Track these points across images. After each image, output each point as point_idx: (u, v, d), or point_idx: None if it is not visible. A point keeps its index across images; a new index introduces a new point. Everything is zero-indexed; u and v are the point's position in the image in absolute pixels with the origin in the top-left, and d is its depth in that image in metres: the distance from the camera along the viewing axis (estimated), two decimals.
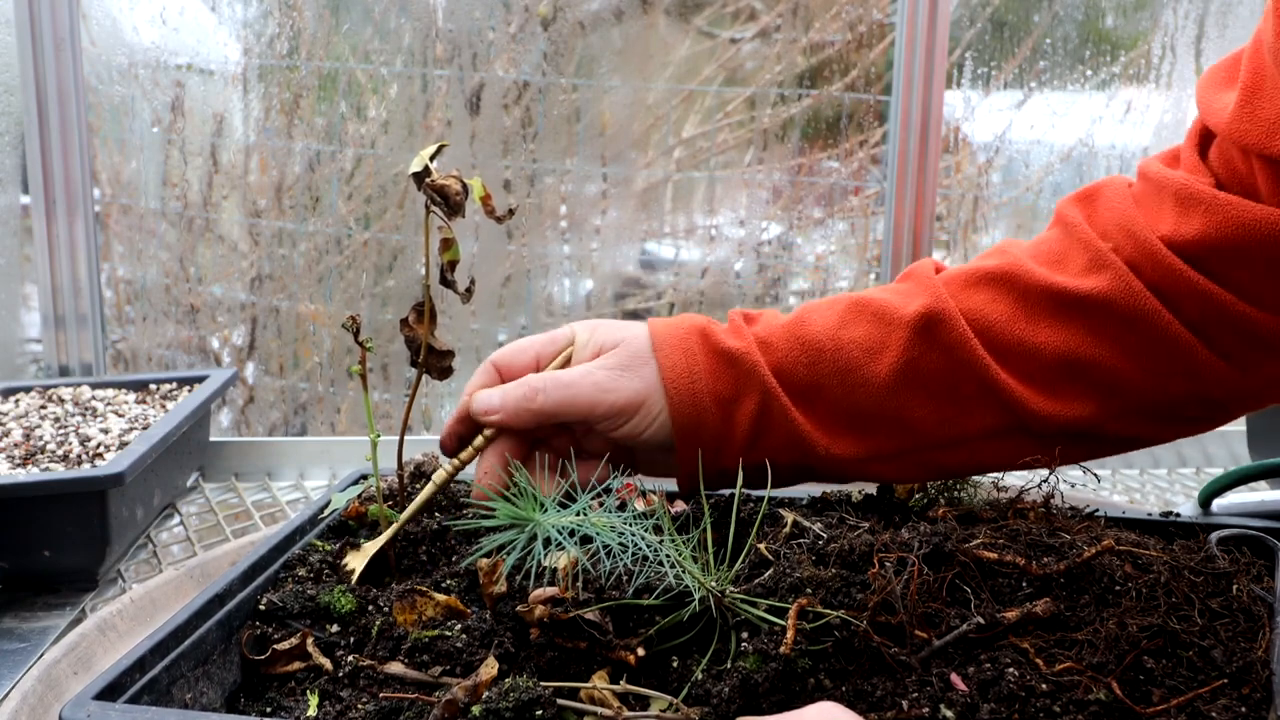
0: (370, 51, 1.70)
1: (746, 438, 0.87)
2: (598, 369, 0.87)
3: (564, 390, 0.85)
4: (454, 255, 0.83)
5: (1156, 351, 0.84)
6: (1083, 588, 0.71)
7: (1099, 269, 0.85)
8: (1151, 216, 0.86)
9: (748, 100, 1.78)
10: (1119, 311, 0.84)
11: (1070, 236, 0.88)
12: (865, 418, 0.87)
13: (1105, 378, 0.85)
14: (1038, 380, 0.86)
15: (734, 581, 0.70)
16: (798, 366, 0.87)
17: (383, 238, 1.75)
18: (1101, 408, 0.86)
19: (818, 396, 0.87)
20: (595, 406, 0.85)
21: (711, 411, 0.86)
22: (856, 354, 0.86)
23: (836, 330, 0.87)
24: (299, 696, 0.70)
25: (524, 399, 0.85)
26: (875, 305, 0.88)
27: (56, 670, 0.86)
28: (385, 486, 0.91)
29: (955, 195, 1.85)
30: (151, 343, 1.79)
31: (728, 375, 0.87)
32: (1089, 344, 0.85)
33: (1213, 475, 1.05)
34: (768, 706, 0.63)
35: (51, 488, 1.04)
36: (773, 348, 0.88)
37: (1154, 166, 0.88)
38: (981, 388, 0.86)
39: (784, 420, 0.87)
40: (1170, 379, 0.85)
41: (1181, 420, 0.89)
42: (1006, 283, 0.87)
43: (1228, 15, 1.74)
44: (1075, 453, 0.89)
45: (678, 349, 0.87)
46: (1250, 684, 0.63)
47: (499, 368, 0.90)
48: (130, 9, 1.64)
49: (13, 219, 1.56)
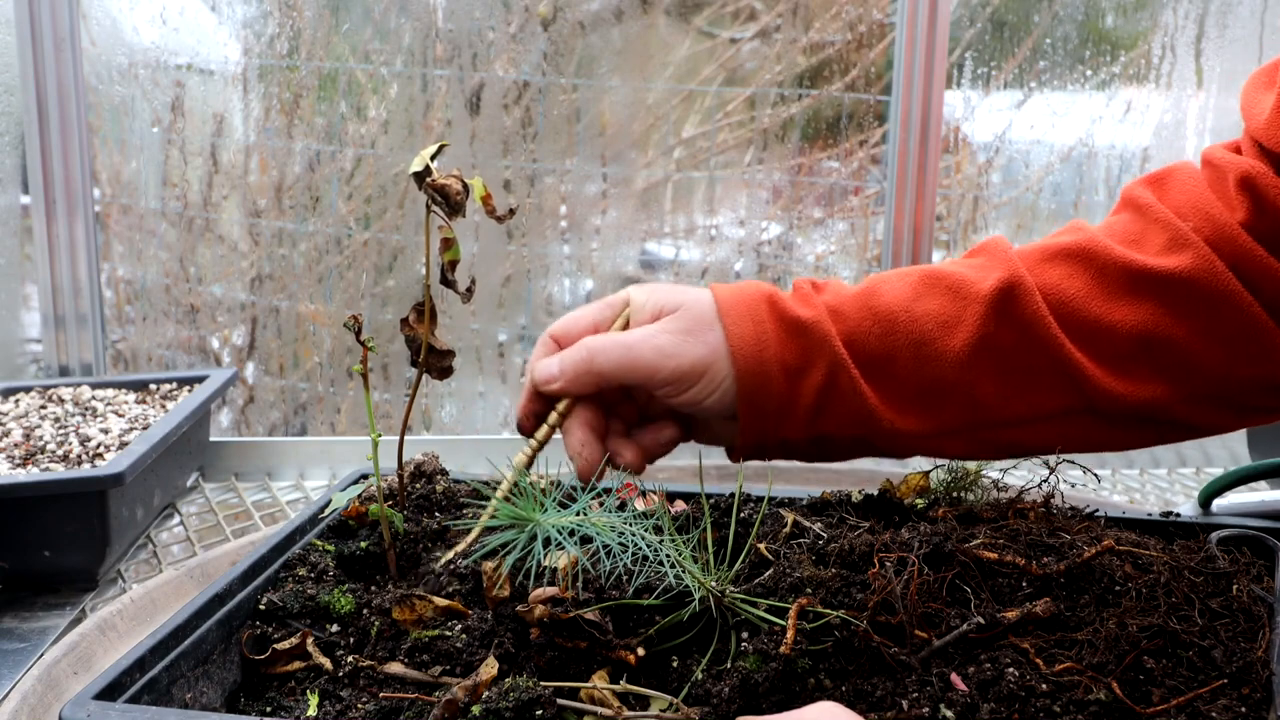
0: (370, 51, 1.70)
1: (810, 409, 0.85)
2: (660, 332, 0.84)
3: (624, 351, 0.83)
4: (454, 255, 0.83)
5: (1233, 333, 0.84)
6: (1083, 588, 0.71)
7: (1180, 248, 0.84)
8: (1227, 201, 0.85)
9: (748, 100, 1.78)
10: (1200, 291, 0.83)
11: (1145, 217, 0.87)
12: (935, 392, 0.86)
13: (1179, 358, 0.85)
14: (1111, 359, 0.85)
15: (734, 581, 0.70)
16: (870, 337, 0.85)
17: (383, 238, 1.75)
18: (1173, 390, 0.85)
19: (888, 369, 0.85)
20: (658, 370, 0.83)
21: (778, 381, 0.84)
22: (931, 327, 0.85)
23: (910, 302, 0.86)
24: (299, 696, 0.70)
25: (582, 361, 0.83)
26: (951, 278, 0.87)
27: (56, 670, 0.86)
28: (385, 486, 0.91)
29: (955, 195, 1.85)
30: (151, 343, 1.79)
31: (797, 345, 0.85)
32: (1166, 323, 0.84)
33: (1213, 475, 1.05)
34: (768, 706, 0.63)
35: (51, 488, 1.04)
36: (845, 317, 0.86)
37: (1219, 153, 0.88)
38: (1054, 366, 0.85)
39: (852, 393, 0.85)
40: (1244, 362, 0.85)
41: (1249, 409, 0.89)
42: (1084, 259, 0.86)
43: (1228, 15, 1.74)
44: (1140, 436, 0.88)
45: (746, 316, 0.85)
46: (1250, 684, 0.63)
47: (556, 338, 0.88)
48: (130, 9, 1.64)
49: (13, 219, 1.56)
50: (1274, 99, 0.82)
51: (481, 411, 1.83)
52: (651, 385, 0.85)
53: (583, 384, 0.84)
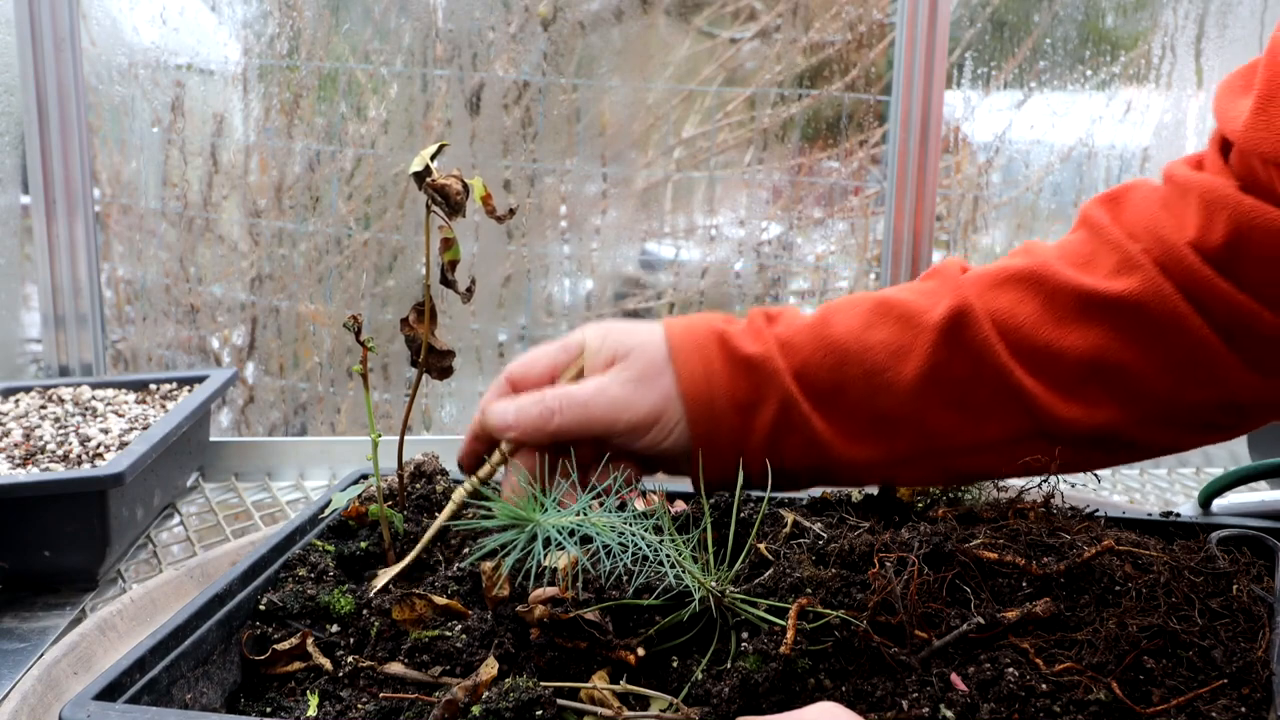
0: (370, 51, 1.70)
1: (764, 443, 0.86)
2: (613, 383, 0.85)
3: (580, 410, 0.83)
4: (454, 255, 0.83)
5: (1184, 356, 0.83)
6: (1083, 588, 0.71)
7: (1129, 271, 0.84)
8: (1179, 220, 0.85)
9: (748, 100, 1.78)
10: (1149, 314, 0.83)
11: (1098, 238, 0.87)
12: (886, 422, 0.86)
13: (1130, 382, 0.84)
14: (1062, 384, 0.85)
15: (734, 581, 0.70)
16: (821, 369, 0.85)
17: (383, 238, 1.75)
18: (1125, 413, 0.85)
19: (840, 399, 0.86)
20: (614, 424, 0.84)
21: (730, 418, 0.85)
22: (882, 356, 0.85)
23: (861, 332, 0.86)
24: (299, 696, 0.70)
25: (540, 419, 0.84)
26: (901, 307, 0.86)
27: (56, 670, 0.86)
28: (385, 486, 0.91)
29: (955, 195, 1.85)
30: (151, 343, 1.79)
31: (747, 382, 0.85)
32: (1116, 347, 0.84)
33: (1213, 475, 1.05)
34: (768, 706, 0.63)
35: (51, 488, 1.04)
36: (795, 349, 0.86)
37: (1180, 169, 0.87)
38: (1004, 392, 0.85)
39: (803, 425, 0.85)
40: (1196, 385, 0.84)
41: (1203, 427, 0.88)
42: (1034, 283, 0.86)
43: (1228, 15, 1.74)
44: (1095, 459, 0.88)
45: (695, 355, 0.85)
46: (1250, 684, 0.63)
47: (513, 382, 0.88)
48: (130, 9, 1.64)
49: (13, 219, 1.56)
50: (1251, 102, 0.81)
51: None
52: (609, 437, 0.85)
53: (538, 440, 0.84)
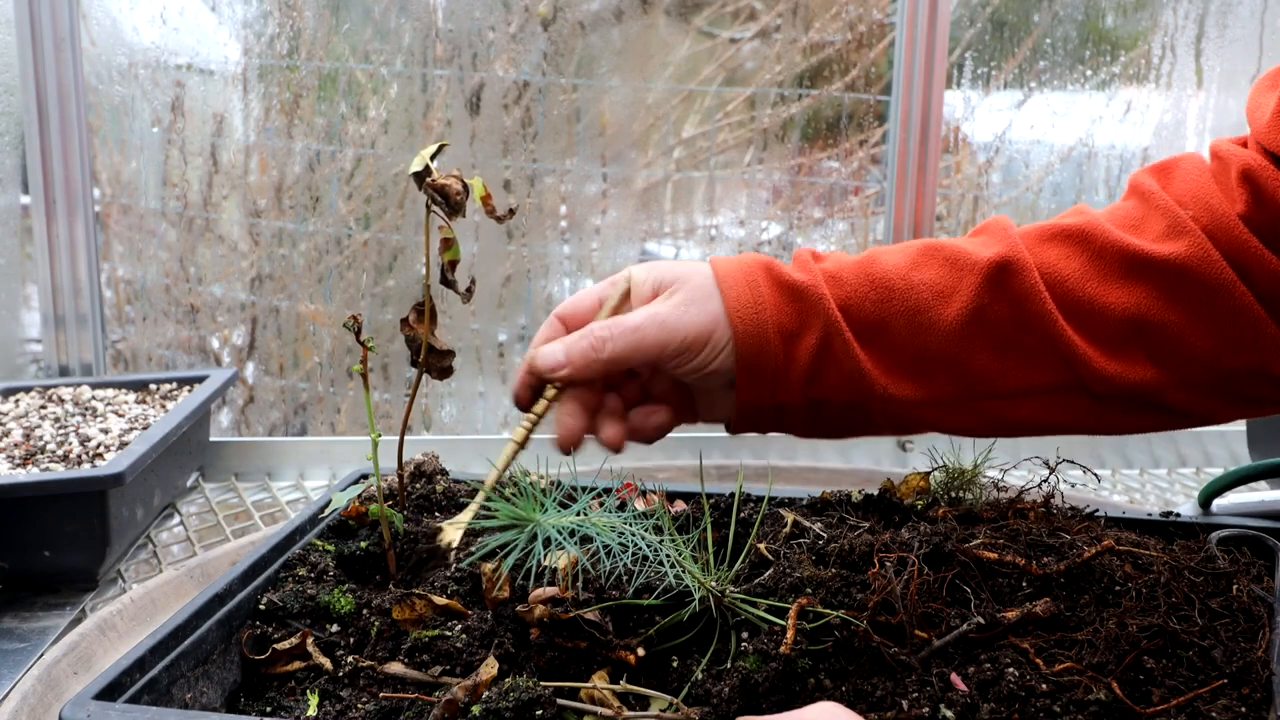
0: (370, 51, 1.70)
1: (806, 372, 0.86)
2: (663, 308, 0.86)
3: (631, 335, 0.84)
4: (454, 255, 0.83)
5: (1226, 321, 0.85)
6: (1083, 588, 0.71)
7: (1177, 235, 0.85)
8: (1228, 192, 0.86)
9: (748, 100, 1.78)
10: (1194, 277, 0.84)
11: (1147, 204, 0.89)
12: (928, 361, 0.87)
13: (1171, 343, 0.85)
14: (1103, 340, 0.86)
15: (734, 581, 0.70)
16: (865, 303, 0.87)
17: (383, 238, 1.75)
18: (1164, 374, 0.86)
19: (882, 335, 0.87)
20: (665, 345, 0.84)
21: (774, 343, 0.86)
22: (926, 295, 0.86)
23: (908, 270, 0.87)
24: (299, 696, 0.70)
25: (590, 350, 0.84)
26: (949, 250, 0.88)
27: (56, 670, 0.86)
28: (385, 486, 0.91)
29: (955, 195, 1.85)
30: (151, 343, 1.79)
31: (792, 308, 0.86)
32: (1159, 307, 0.85)
33: (1213, 475, 1.05)
34: (768, 706, 0.63)
35: (51, 488, 1.04)
36: (841, 282, 0.87)
37: (1225, 145, 0.89)
38: (1046, 342, 0.86)
39: (845, 356, 0.86)
40: (1236, 350, 0.85)
41: (1241, 398, 0.89)
42: (1082, 240, 0.87)
43: (1228, 15, 1.74)
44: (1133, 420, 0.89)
45: (742, 282, 0.86)
46: (1250, 684, 0.63)
47: (564, 319, 0.89)
48: (130, 9, 1.64)
49: (13, 219, 1.56)
50: (1275, 101, 0.83)
51: (481, 411, 1.83)
52: (660, 360, 0.86)
53: (592, 371, 0.85)
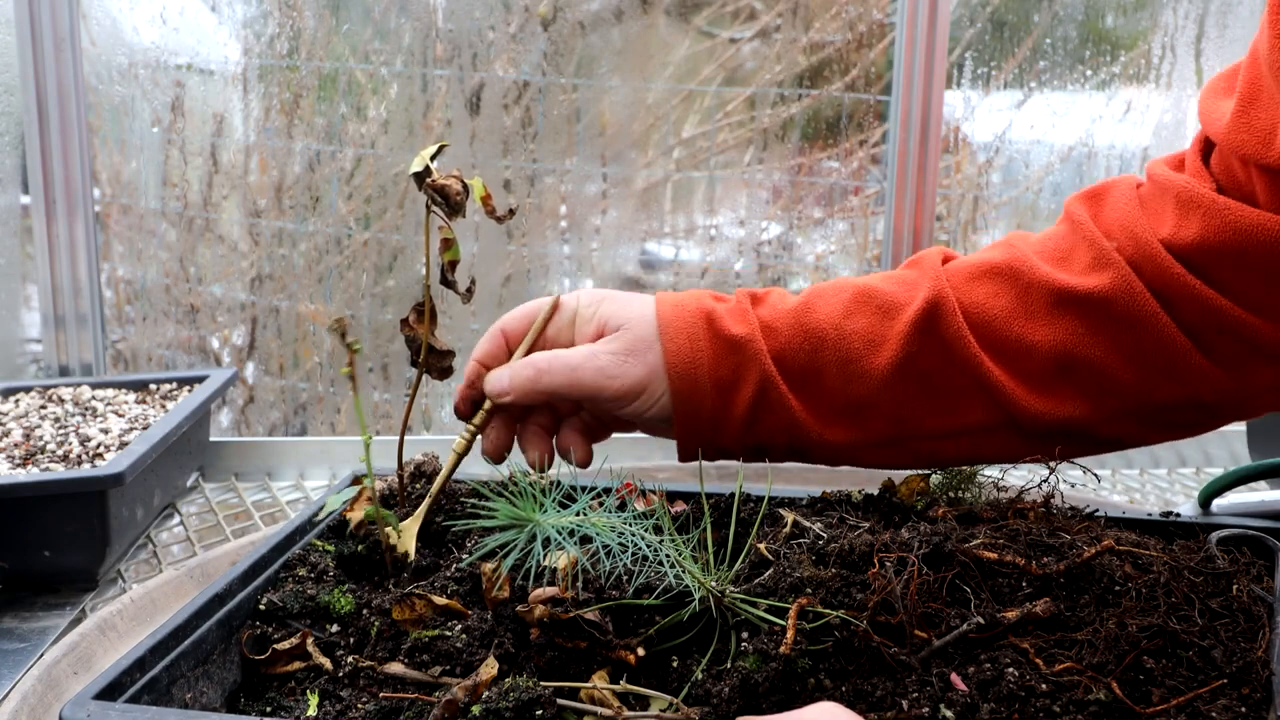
0: (370, 51, 1.70)
1: (743, 421, 0.89)
2: (603, 352, 0.88)
3: (569, 373, 0.87)
4: (454, 255, 0.83)
5: (1152, 353, 0.85)
6: (1083, 588, 0.71)
7: (1102, 267, 0.86)
8: (1154, 218, 0.87)
9: (748, 100, 1.78)
10: (1118, 311, 0.85)
11: (1076, 234, 0.89)
12: (860, 407, 0.89)
13: (1098, 377, 0.86)
14: (1031, 378, 0.87)
15: (734, 581, 0.70)
16: (799, 353, 0.88)
17: (383, 238, 1.75)
18: (1093, 408, 0.87)
19: (816, 383, 0.89)
20: (600, 391, 0.87)
21: (710, 395, 0.88)
22: (857, 344, 0.88)
23: (840, 320, 0.89)
24: (299, 696, 0.70)
25: (530, 380, 0.87)
26: (880, 297, 0.89)
27: (56, 670, 0.86)
28: (384, 486, 0.91)
29: (955, 195, 1.85)
30: (151, 343, 1.79)
31: (730, 361, 0.88)
32: (1085, 342, 0.86)
33: (1213, 475, 1.05)
34: (768, 706, 0.63)
35: (51, 488, 1.04)
36: (776, 333, 0.89)
37: (1160, 169, 0.89)
38: (975, 383, 0.87)
39: (781, 406, 0.88)
40: (1163, 382, 0.86)
41: (1171, 425, 0.90)
42: (1010, 277, 0.88)
43: (1228, 15, 1.74)
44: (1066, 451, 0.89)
45: (682, 333, 0.88)
46: (1250, 684, 0.63)
47: (506, 333, 0.91)
48: (130, 9, 1.64)
49: (13, 219, 1.56)
50: (1234, 104, 0.83)
51: None
52: (594, 403, 0.90)
53: (531, 399, 0.88)
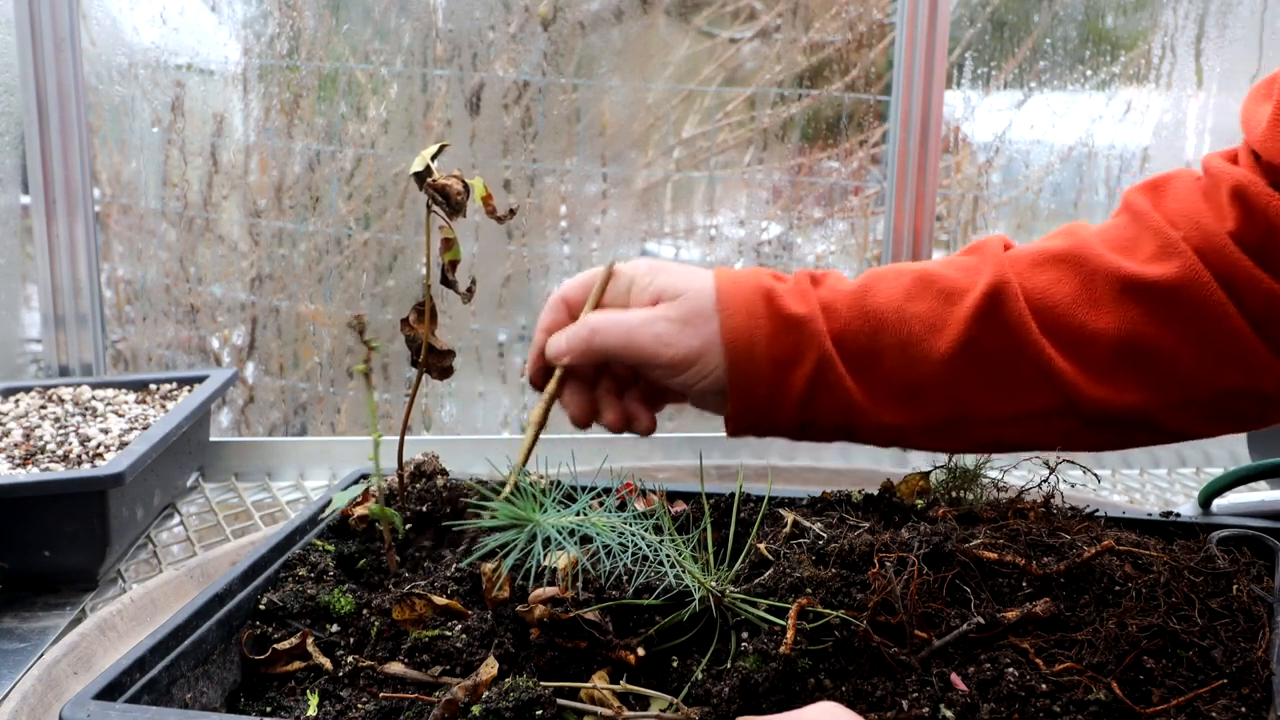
0: (370, 51, 1.70)
1: (800, 399, 0.89)
2: (661, 319, 0.88)
3: (625, 334, 0.88)
4: (455, 255, 0.83)
5: (1217, 343, 0.85)
6: (1083, 588, 0.71)
7: (1169, 256, 0.86)
8: (1218, 211, 0.87)
9: (748, 100, 1.78)
10: (1185, 299, 0.85)
11: (1139, 223, 0.89)
12: (918, 390, 0.88)
13: (1161, 366, 0.86)
14: (1093, 366, 0.87)
15: (734, 581, 0.70)
16: (860, 335, 0.89)
17: (383, 238, 1.75)
18: (1154, 396, 0.87)
19: (875, 366, 0.89)
20: (656, 357, 0.88)
21: (767, 372, 0.88)
22: (919, 328, 0.88)
23: (902, 303, 0.89)
24: (299, 696, 0.70)
25: (584, 339, 0.88)
26: (942, 282, 0.89)
27: (56, 670, 0.86)
28: (386, 486, 0.91)
29: (955, 195, 1.85)
30: (151, 343, 1.79)
31: (788, 339, 0.88)
32: (1150, 330, 0.86)
33: (1213, 475, 1.05)
34: (768, 706, 0.63)
35: (51, 488, 1.04)
36: (836, 313, 0.89)
37: (1216, 162, 0.89)
38: (1036, 370, 0.87)
39: (838, 386, 0.88)
40: (1226, 372, 0.86)
41: (1230, 415, 0.90)
42: (1074, 264, 0.88)
43: (1228, 15, 1.74)
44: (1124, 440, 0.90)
45: (741, 308, 0.88)
46: (1250, 684, 0.63)
47: (567, 301, 0.93)
48: (130, 9, 1.64)
49: (13, 219, 1.56)
50: (1271, 110, 0.83)
51: (481, 411, 1.83)
52: (648, 369, 0.90)
53: (588, 359, 0.90)
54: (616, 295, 0.92)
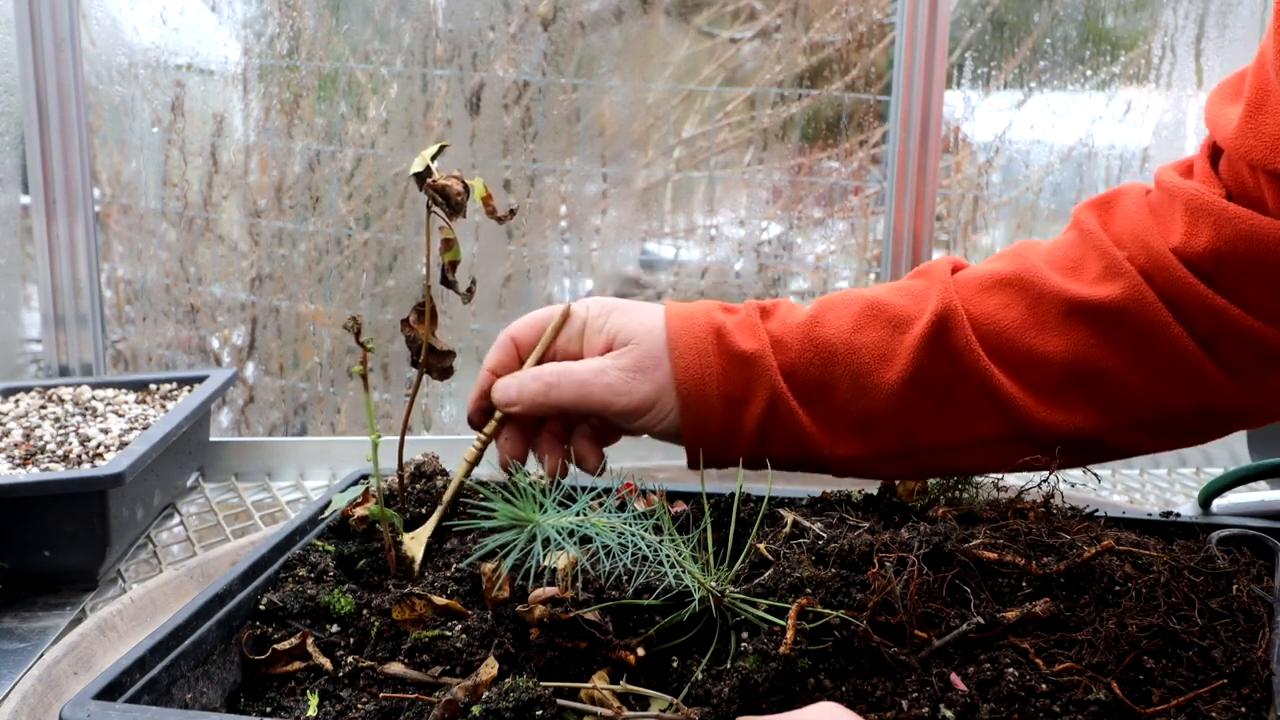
0: (370, 51, 1.70)
1: (753, 437, 0.88)
2: (612, 368, 0.88)
3: (578, 389, 0.87)
4: (455, 255, 0.83)
5: (1164, 363, 0.85)
6: (1083, 588, 0.71)
7: (1113, 277, 0.85)
8: (1165, 226, 0.86)
9: (748, 100, 1.78)
10: (1130, 321, 0.84)
11: (1086, 243, 0.89)
12: (870, 421, 0.88)
13: (1110, 388, 0.86)
14: (1043, 390, 0.86)
15: (734, 581, 0.70)
16: (810, 368, 0.88)
17: (383, 238, 1.75)
18: (1104, 419, 0.87)
19: (826, 398, 0.88)
20: (608, 406, 0.87)
21: (719, 411, 0.88)
22: (868, 359, 0.87)
23: (850, 334, 0.88)
24: (299, 696, 0.70)
25: (539, 393, 0.87)
26: (890, 311, 0.88)
27: (56, 670, 0.86)
28: (385, 487, 0.91)
29: (955, 195, 1.85)
30: (151, 343, 1.79)
31: (739, 377, 0.88)
32: (1097, 353, 0.85)
33: (1213, 475, 1.05)
34: (768, 706, 0.63)
35: (51, 488, 1.04)
36: (786, 347, 0.89)
37: (1168, 175, 0.88)
38: (985, 396, 0.86)
39: (791, 421, 0.88)
40: (1175, 391, 0.85)
41: (1181, 433, 0.90)
42: (1020, 287, 0.88)
43: (1228, 15, 1.74)
44: (1074, 460, 0.89)
45: (691, 349, 0.88)
46: (1250, 684, 0.63)
47: (516, 341, 0.91)
48: (130, 9, 1.64)
49: (13, 219, 1.56)
50: (1241, 109, 0.82)
51: None
52: (604, 417, 0.89)
53: (539, 412, 0.89)
54: (570, 338, 0.91)
